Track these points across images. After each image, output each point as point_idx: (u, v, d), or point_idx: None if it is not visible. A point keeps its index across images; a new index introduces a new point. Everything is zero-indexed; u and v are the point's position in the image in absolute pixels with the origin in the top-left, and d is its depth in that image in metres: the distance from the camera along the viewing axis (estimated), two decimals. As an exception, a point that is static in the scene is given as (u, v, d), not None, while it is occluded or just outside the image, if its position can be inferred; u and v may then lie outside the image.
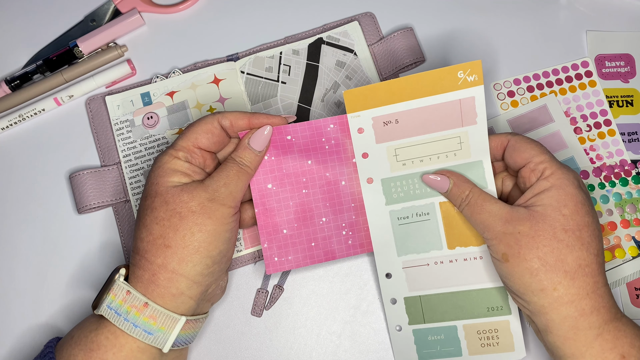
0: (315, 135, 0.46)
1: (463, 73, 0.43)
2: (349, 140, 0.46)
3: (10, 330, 0.50)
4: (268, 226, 0.46)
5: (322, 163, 0.46)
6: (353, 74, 0.53)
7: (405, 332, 0.47)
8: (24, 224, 0.52)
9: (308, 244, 0.46)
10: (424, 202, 0.46)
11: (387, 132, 0.45)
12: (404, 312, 0.47)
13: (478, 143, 0.44)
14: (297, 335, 0.49)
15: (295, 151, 0.45)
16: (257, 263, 0.51)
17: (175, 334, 0.41)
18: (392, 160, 0.46)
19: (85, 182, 0.51)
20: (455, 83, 0.44)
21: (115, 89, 0.54)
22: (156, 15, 0.57)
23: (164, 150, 0.43)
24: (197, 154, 0.43)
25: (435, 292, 0.46)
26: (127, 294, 0.40)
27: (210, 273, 0.42)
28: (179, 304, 0.41)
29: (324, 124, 0.45)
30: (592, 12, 0.55)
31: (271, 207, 0.46)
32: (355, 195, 0.47)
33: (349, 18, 0.55)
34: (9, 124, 0.54)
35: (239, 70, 0.54)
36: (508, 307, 0.45)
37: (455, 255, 0.46)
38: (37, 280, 0.51)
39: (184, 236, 0.40)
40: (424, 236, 0.46)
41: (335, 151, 0.46)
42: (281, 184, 0.46)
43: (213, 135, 0.44)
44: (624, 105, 0.53)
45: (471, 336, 0.46)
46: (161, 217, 0.41)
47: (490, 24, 0.55)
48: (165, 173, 0.42)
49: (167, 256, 0.40)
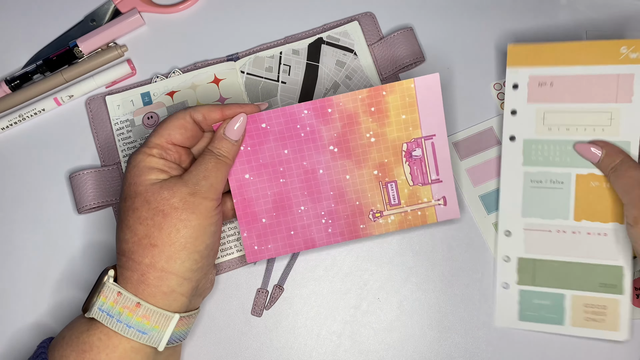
0: (289, 122, 0.45)
1: (627, 48, 0.44)
2: (324, 127, 0.46)
3: (10, 330, 0.50)
4: (247, 216, 0.46)
5: (298, 152, 0.46)
6: (353, 74, 0.53)
7: (511, 291, 0.48)
8: (24, 224, 0.52)
9: (287, 233, 0.47)
10: (561, 171, 0.47)
11: (540, 94, 0.47)
12: (514, 271, 0.48)
13: (629, 123, 0.45)
14: (297, 335, 0.49)
15: (271, 140, 0.45)
16: (257, 263, 0.51)
17: (170, 332, 0.41)
18: (538, 123, 0.47)
19: (85, 182, 0.51)
20: (616, 57, 0.45)
21: (115, 89, 0.54)
22: (156, 15, 0.57)
23: (137, 150, 0.43)
24: (171, 150, 0.43)
25: (551, 259, 0.48)
26: (118, 295, 0.40)
27: (199, 268, 0.42)
28: (171, 302, 0.41)
29: (297, 109, 0.45)
30: (592, 12, 0.55)
31: (249, 197, 0.46)
32: (334, 184, 0.47)
33: (349, 18, 0.55)
34: (9, 124, 0.54)
35: (239, 70, 0.54)
36: (622, 286, 0.46)
37: (580, 227, 0.47)
38: (37, 280, 0.51)
39: (170, 234, 0.40)
40: (553, 203, 0.47)
41: (311, 139, 0.46)
42: (258, 174, 0.46)
43: (186, 130, 0.43)
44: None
45: (577, 308, 0.47)
46: (144, 217, 0.40)
47: (490, 24, 0.55)
48: (142, 172, 0.41)
49: (154, 255, 0.40)
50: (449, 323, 0.49)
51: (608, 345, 0.48)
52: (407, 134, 0.46)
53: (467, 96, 0.53)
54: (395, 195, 0.47)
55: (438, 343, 0.49)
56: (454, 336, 0.49)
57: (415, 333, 0.49)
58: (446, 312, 0.49)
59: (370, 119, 0.46)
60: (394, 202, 0.47)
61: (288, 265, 0.50)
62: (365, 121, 0.46)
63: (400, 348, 0.49)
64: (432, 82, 0.45)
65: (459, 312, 0.49)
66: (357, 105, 0.45)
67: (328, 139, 0.46)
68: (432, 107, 0.46)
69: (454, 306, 0.49)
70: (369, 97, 0.45)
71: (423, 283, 0.50)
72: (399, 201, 0.47)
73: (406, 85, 0.45)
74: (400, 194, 0.47)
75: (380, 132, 0.46)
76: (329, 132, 0.46)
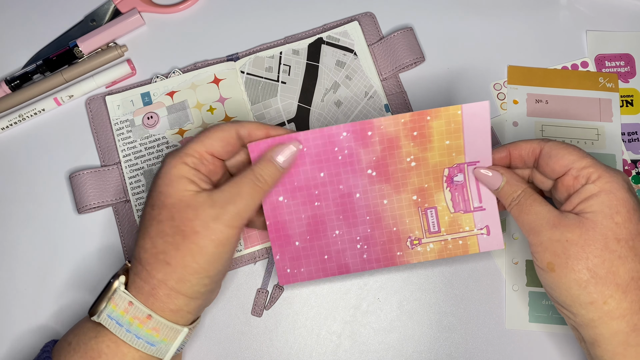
0: (327, 144, 0.44)
1: (603, 79, 0.52)
2: (363, 150, 0.44)
3: (10, 330, 0.50)
4: (280, 238, 0.45)
5: (335, 175, 0.44)
6: (353, 74, 0.53)
7: (521, 293, 0.49)
8: (24, 224, 0.52)
9: (321, 257, 0.45)
10: None
11: (537, 109, 0.52)
12: (524, 274, 0.49)
13: (612, 139, 0.51)
14: (297, 335, 0.49)
15: (307, 163, 0.44)
16: (257, 263, 0.51)
17: (177, 345, 0.41)
18: (538, 134, 0.52)
19: (85, 182, 0.51)
20: (597, 85, 0.53)
21: (115, 89, 0.54)
22: (156, 15, 0.57)
23: (174, 152, 0.42)
24: (208, 160, 0.42)
25: None
26: (129, 304, 0.40)
27: (208, 290, 0.41)
28: (178, 318, 0.41)
29: (336, 131, 0.43)
30: (592, 12, 0.55)
31: (283, 220, 0.45)
32: (371, 208, 0.45)
33: (349, 18, 0.55)
34: (9, 124, 0.54)
35: (239, 70, 0.54)
36: None
37: None
38: (37, 280, 0.51)
39: (184, 257, 0.39)
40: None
41: (349, 162, 0.44)
42: (293, 197, 0.44)
43: (228, 143, 0.42)
44: (623, 105, 0.53)
45: None
46: (166, 232, 0.40)
47: (490, 24, 0.55)
48: (171, 181, 0.40)
49: (167, 273, 0.39)
50: (449, 323, 0.49)
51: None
52: (449, 159, 0.44)
53: (467, 96, 0.53)
54: (435, 222, 0.45)
55: (438, 343, 0.49)
56: (454, 336, 0.49)
57: (415, 333, 0.49)
58: (446, 312, 0.49)
59: (411, 143, 0.44)
60: (433, 230, 0.45)
61: (288, 265, 0.50)
62: (406, 145, 0.44)
63: (400, 348, 0.49)
64: (481, 109, 0.43)
65: (459, 312, 0.49)
66: (399, 129, 0.43)
67: (366, 162, 0.44)
68: (479, 134, 0.43)
69: (454, 306, 0.49)
70: (412, 122, 0.43)
71: (423, 283, 0.50)
72: (439, 229, 0.45)
73: (452, 112, 0.43)
74: (441, 221, 0.45)
75: (422, 157, 0.44)
76: (368, 156, 0.44)
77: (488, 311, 0.49)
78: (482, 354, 0.48)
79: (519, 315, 0.49)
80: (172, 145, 0.52)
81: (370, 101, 0.53)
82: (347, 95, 0.53)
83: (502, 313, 0.49)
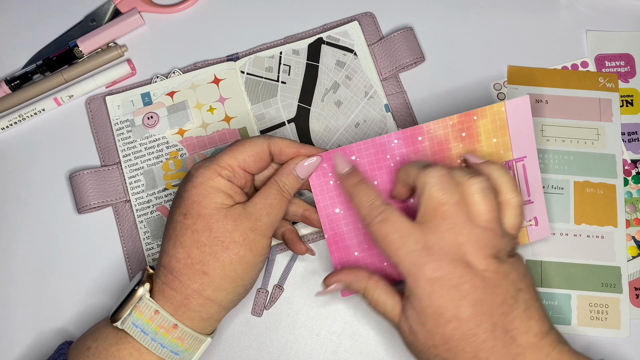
0: (379, 153, 0.44)
1: (603, 79, 0.52)
2: (414, 155, 0.44)
3: (10, 330, 0.50)
4: (339, 250, 0.45)
5: (388, 182, 0.45)
6: (353, 74, 0.53)
7: None
8: (24, 224, 0.52)
9: (380, 265, 0.46)
10: (560, 178, 0.51)
11: (537, 109, 0.52)
12: None
13: (612, 139, 0.51)
14: (297, 335, 0.49)
15: (361, 172, 0.44)
16: (257, 263, 0.51)
17: (201, 354, 0.41)
18: (538, 134, 0.52)
19: (85, 182, 0.51)
20: (597, 85, 0.53)
21: (115, 89, 0.54)
22: (156, 15, 0.57)
23: (206, 163, 0.42)
24: (240, 174, 0.42)
25: (556, 260, 0.50)
26: (155, 313, 0.39)
27: (239, 299, 0.42)
28: (206, 326, 0.41)
29: (387, 139, 0.44)
30: (592, 12, 0.55)
31: (340, 232, 0.45)
32: None
33: (349, 18, 0.55)
34: (9, 124, 0.54)
35: (239, 70, 0.54)
36: (621, 286, 0.49)
37: (580, 230, 0.50)
38: (37, 280, 0.51)
39: (224, 266, 0.40)
40: (555, 207, 0.50)
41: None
42: (348, 207, 0.45)
43: (260, 160, 0.43)
44: (623, 105, 0.53)
45: (583, 307, 0.49)
46: (203, 243, 0.40)
47: (490, 24, 0.55)
48: (208, 192, 0.40)
49: (203, 283, 0.40)
50: (449, 323, 0.49)
51: (608, 344, 0.48)
52: (498, 157, 0.45)
53: (467, 96, 0.53)
54: None
55: (438, 343, 0.49)
56: (454, 336, 0.49)
57: (415, 333, 0.49)
58: (446, 312, 0.49)
59: (460, 145, 0.45)
60: None
61: (288, 265, 0.50)
62: (455, 147, 0.45)
63: (400, 348, 0.49)
64: (522, 104, 0.44)
65: (459, 312, 0.49)
66: (448, 131, 0.44)
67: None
68: (523, 129, 0.45)
69: (454, 306, 0.49)
70: (459, 123, 0.44)
71: (423, 283, 0.50)
72: None
73: (497, 109, 0.44)
74: None
75: None
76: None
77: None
78: (482, 354, 0.48)
79: None
80: (172, 145, 0.52)
81: (370, 101, 0.53)
82: (347, 95, 0.53)
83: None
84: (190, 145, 0.52)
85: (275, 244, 0.50)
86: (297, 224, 0.50)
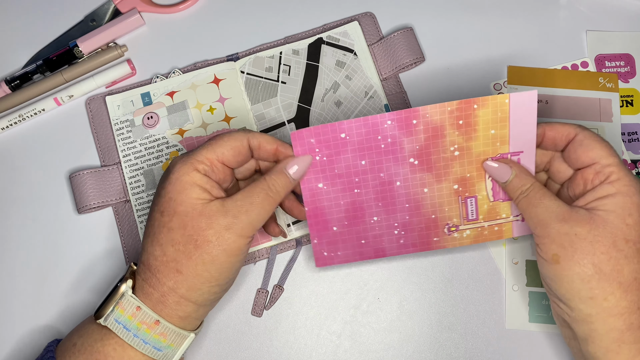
0: (371, 133, 0.43)
1: (603, 79, 0.52)
2: (406, 139, 0.43)
3: (10, 330, 0.50)
4: (318, 224, 0.45)
5: (376, 164, 0.44)
6: (353, 74, 0.53)
7: (521, 293, 0.49)
8: (24, 224, 0.52)
9: (358, 242, 0.46)
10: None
11: (538, 109, 0.48)
12: (524, 274, 0.49)
13: (612, 138, 0.51)
14: (297, 335, 0.49)
15: (349, 150, 0.44)
16: (257, 263, 0.51)
17: (184, 350, 0.41)
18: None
19: (85, 182, 0.51)
20: (597, 85, 0.53)
21: (115, 89, 0.54)
22: (156, 15, 0.57)
23: (183, 157, 0.41)
24: (218, 168, 0.41)
25: None
26: (137, 309, 0.40)
27: (216, 298, 0.42)
28: (185, 324, 0.41)
29: (380, 120, 0.43)
30: (592, 12, 0.55)
31: (322, 206, 0.45)
32: (411, 196, 0.45)
33: (349, 18, 0.55)
34: (9, 124, 0.54)
35: (239, 70, 0.54)
36: None
37: None
38: (37, 280, 0.51)
39: (196, 265, 0.39)
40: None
41: (391, 150, 0.43)
42: (332, 184, 0.44)
43: (240, 153, 0.42)
44: (623, 105, 0.53)
45: None
46: (177, 241, 0.39)
47: (490, 24, 0.55)
48: (184, 188, 0.40)
49: (177, 281, 0.39)
50: (449, 323, 0.49)
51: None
52: (493, 149, 0.44)
53: (467, 96, 0.53)
54: (474, 210, 0.45)
55: (438, 343, 0.49)
56: (454, 336, 0.49)
57: (415, 333, 0.49)
58: (446, 312, 0.49)
59: (456, 132, 0.43)
60: (471, 217, 0.45)
61: (288, 265, 0.50)
62: (451, 134, 0.43)
63: (400, 348, 0.49)
64: (529, 99, 0.42)
65: (459, 312, 0.49)
66: (445, 117, 0.43)
67: (409, 151, 0.44)
68: (525, 124, 0.43)
69: (454, 306, 0.49)
70: (458, 110, 0.43)
71: (423, 283, 0.50)
72: (477, 216, 0.45)
73: (500, 101, 0.42)
74: (479, 210, 0.45)
75: (466, 146, 0.44)
76: (411, 144, 0.43)
77: (488, 311, 0.49)
78: (482, 354, 0.48)
79: (519, 315, 0.49)
80: (172, 145, 0.52)
81: (370, 101, 0.53)
82: (347, 95, 0.53)
83: (502, 313, 0.49)
84: (190, 145, 0.52)
85: (276, 243, 0.50)
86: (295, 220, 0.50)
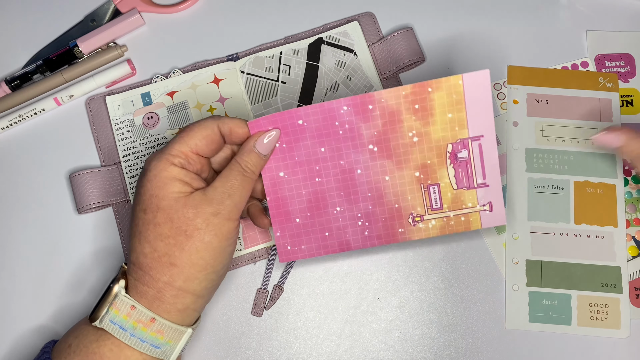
0: (328, 119, 0.43)
1: (603, 79, 0.53)
2: (364, 125, 0.43)
3: (10, 330, 0.50)
4: (281, 215, 0.45)
5: (336, 151, 0.44)
6: (353, 74, 0.53)
7: (521, 293, 0.49)
8: (24, 224, 0.52)
9: (322, 234, 0.45)
10: (560, 178, 0.51)
11: (537, 109, 0.52)
12: (523, 274, 0.50)
13: None
14: (297, 335, 0.49)
15: (308, 137, 0.43)
16: (257, 263, 0.51)
17: (182, 346, 0.41)
18: (538, 134, 0.52)
19: (85, 182, 0.51)
20: (597, 85, 0.53)
21: (115, 89, 0.54)
22: (156, 15, 0.57)
23: (157, 154, 0.41)
24: (194, 160, 0.41)
25: (556, 260, 0.50)
26: (131, 308, 0.39)
27: (214, 286, 0.42)
28: (184, 318, 0.41)
29: (336, 105, 0.42)
30: (592, 12, 0.55)
31: (283, 196, 0.44)
32: (372, 185, 0.44)
33: (349, 18, 0.55)
34: (9, 124, 0.54)
35: (239, 70, 0.54)
36: (621, 286, 0.49)
37: (580, 230, 0.50)
38: (37, 280, 0.51)
39: (190, 255, 0.39)
40: (555, 208, 0.51)
41: (350, 137, 0.43)
42: (293, 172, 0.44)
43: (212, 142, 0.42)
44: (624, 105, 0.53)
45: (583, 307, 0.49)
46: (166, 235, 0.39)
47: (490, 24, 0.55)
48: (164, 183, 0.40)
49: (173, 274, 0.39)
50: (449, 323, 0.49)
51: (608, 345, 0.48)
52: (452, 134, 0.43)
53: (467, 96, 0.53)
54: (438, 199, 0.44)
55: (438, 343, 0.49)
56: (454, 336, 0.49)
57: (415, 333, 0.49)
58: (446, 312, 0.49)
59: (413, 117, 0.42)
60: (435, 206, 0.44)
61: (288, 265, 0.50)
62: (408, 119, 0.43)
63: (400, 348, 0.49)
64: (482, 78, 0.41)
65: (459, 312, 0.49)
66: (400, 102, 0.42)
67: (368, 137, 0.43)
68: (481, 106, 0.42)
69: (454, 306, 0.49)
70: (413, 94, 0.42)
71: (423, 283, 0.50)
72: (441, 205, 0.44)
73: (453, 82, 0.42)
74: (443, 198, 0.44)
75: (424, 132, 0.43)
76: (369, 130, 0.43)
77: (488, 311, 0.49)
78: (482, 354, 0.48)
79: (519, 315, 0.49)
80: (172, 145, 0.52)
81: (370, 101, 0.53)
82: (347, 95, 0.53)
83: (502, 313, 0.49)
84: (190, 145, 0.52)
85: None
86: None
